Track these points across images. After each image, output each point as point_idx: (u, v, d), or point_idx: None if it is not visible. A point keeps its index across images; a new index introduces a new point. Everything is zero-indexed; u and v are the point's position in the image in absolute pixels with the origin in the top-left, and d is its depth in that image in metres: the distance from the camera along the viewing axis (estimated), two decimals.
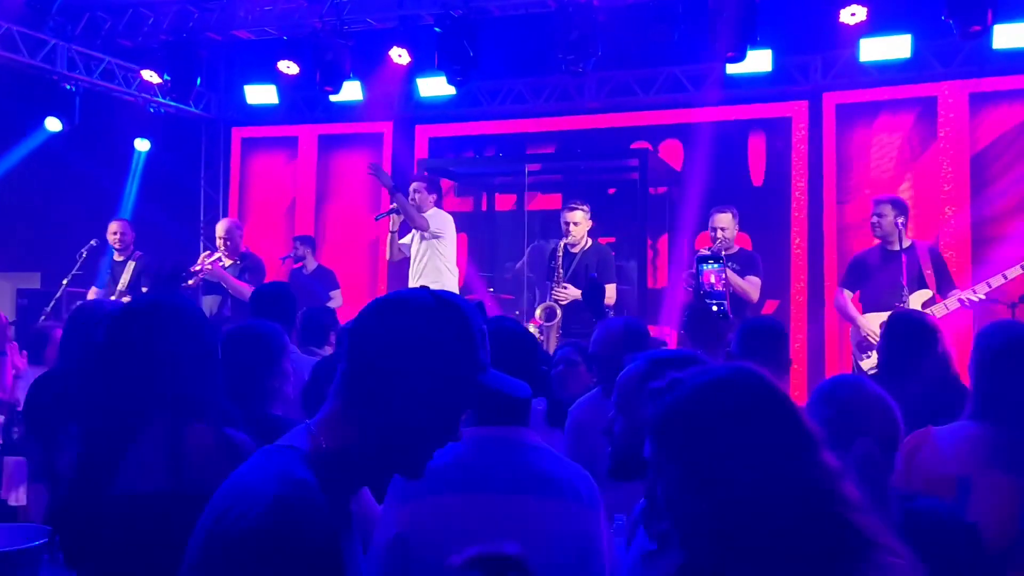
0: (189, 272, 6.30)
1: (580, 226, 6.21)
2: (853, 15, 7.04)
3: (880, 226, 5.60)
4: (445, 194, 8.38)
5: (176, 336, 2.10)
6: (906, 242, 5.56)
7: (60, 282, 7.97)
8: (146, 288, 7.56)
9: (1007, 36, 7.30)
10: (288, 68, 8.68)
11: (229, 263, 7.03)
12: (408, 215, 6.72)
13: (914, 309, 5.20)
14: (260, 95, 9.78)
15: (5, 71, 8.50)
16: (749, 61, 7.47)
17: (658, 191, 9.04)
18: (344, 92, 8.75)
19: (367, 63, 8.79)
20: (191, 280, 6.63)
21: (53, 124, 8.65)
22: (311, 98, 10.03)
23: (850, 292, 5.82)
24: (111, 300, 5.06)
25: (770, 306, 8.35)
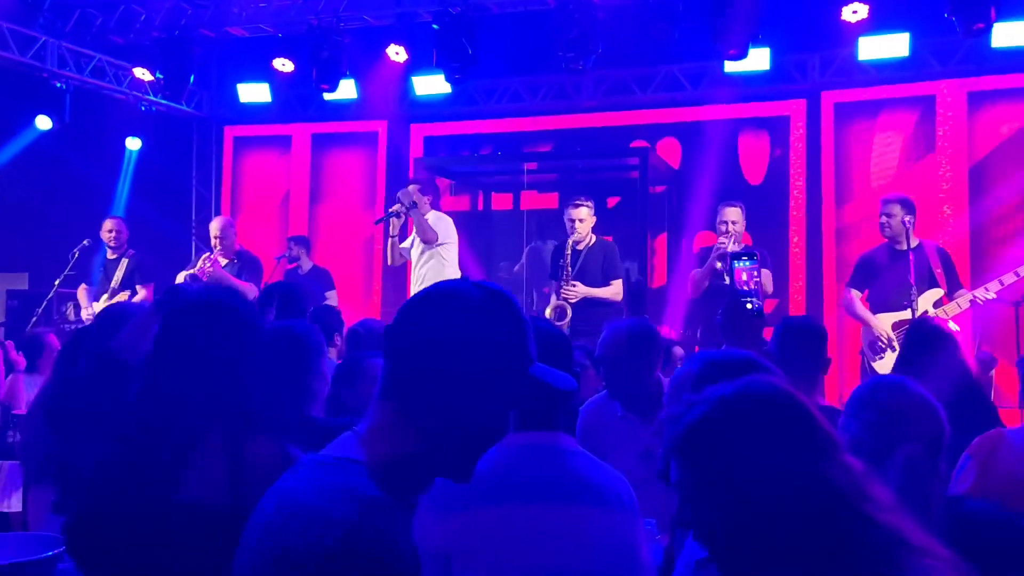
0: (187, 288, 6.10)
1: (585, 223, 6.15)
2: (855, 13, 7.01)
3: (889, 225, 5.56)
4: (441, 194, 8.30)
5: (235, 339, 1.98)
6: (914, 241, 5.52)
7: (48, 282, 7.84)
8: (138, 283, 7.45)
9: (1006, 34, 7.28)
10: (283, 66, 8.57)
11: (225, 262, 6.93)
12: (422, 231, 6.64)
13: (933, 316, 5.15)
14: (253, 93, 9.67)
15: None
16: (747, 59, 7.44)
17: (656, 190, 8.99)
18: (338, 91, 8.64)
19: (362, 61, 8.69)
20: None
21: (43, 122, 8.52)
22: (304, 96, 9.92)
23: (858, 292, 5.76)
24: (135, 303, 4.89)
25: (768, 305, 8.28)
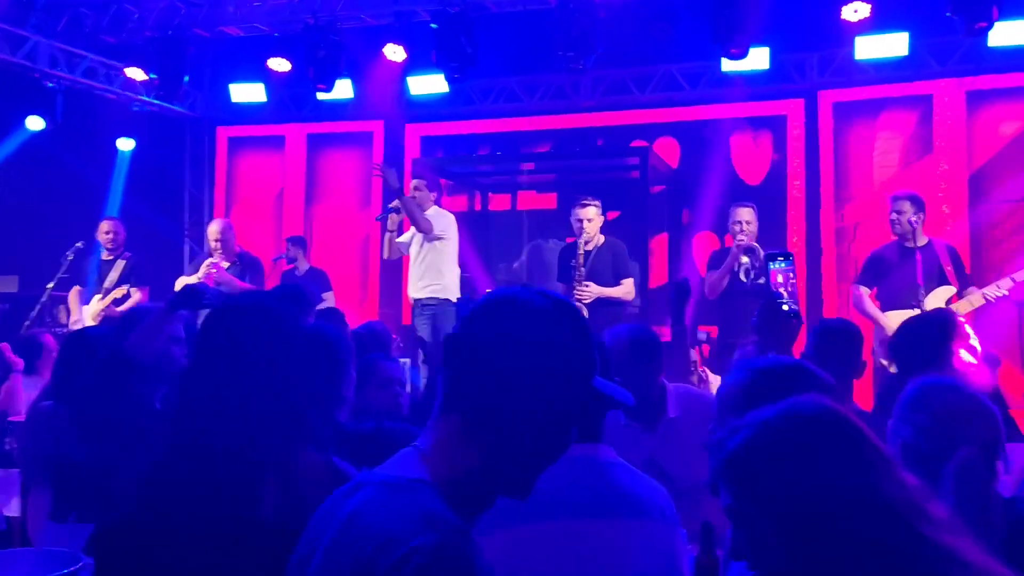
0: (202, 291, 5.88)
1: (594, 222, 6.10)
2: (856, 12, 6.99)
3: (900, 223, 5.53)
4: (443, 192, 8.22)
5: (282, 345, 1.89)
6: (923, 239, 5.50)
7: (39, 285, 7.72)
8: (133, 286, 7.32)
9: (1003, 33, 7.27)
10: (279, 65, 8.48)
11: (227, 265, 6.83)
12: (413, 218, 6.56)
13: (934, 309, 5.12)
14: (246, 93, 9.56)
15: None
16: (746, 59, 7.39)
17: (654, 190, 8.96)
18: (334, 90, 8.55)
19: (358, 61, 8.61)
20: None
21: (35, 123, 8.40)
22: (299, 96, 9.83)
23: (867, 289, 5.74)
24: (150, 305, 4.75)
25: None
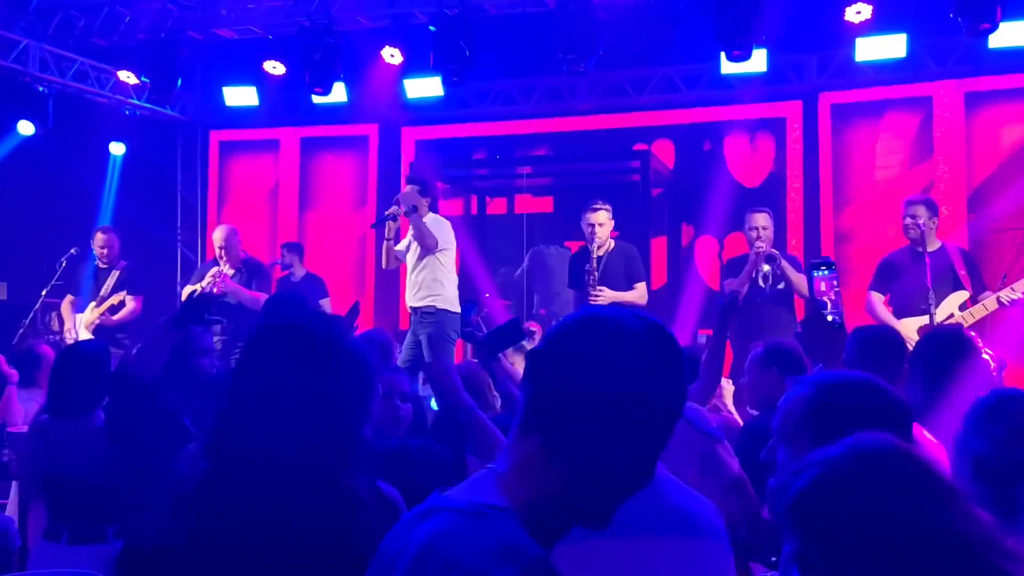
0: (210, 301, 5.72)
1: (605, 226, 6.03)
2: (858, 13, 6.96)
3: (915, 227, 5.49)
4: (439, 196, 8.14)
5: (330, 364, 1.82)
6: (936, 244, 5.46)
7: (30, 292, 7.61)
8: (127, 294, 7.23)
9: (1003, 35, 7.24)
10: (274, 68, 8.39)
11: (232, 272, 6.73)
12: (421, 237, 6.46)
13: (948, 323, 5.09)
14: (239, 97, 9.46)
15: None
16: (746, 61, 7.35)
17: (653, 193, 8.90)
18: (328, 94, 8.46)
19: (352, 63, 8.51)
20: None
21: (26, 128, 8.26)
22: (292, 100, 9.71)
23: (880, 295, 5.69)
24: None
25: None
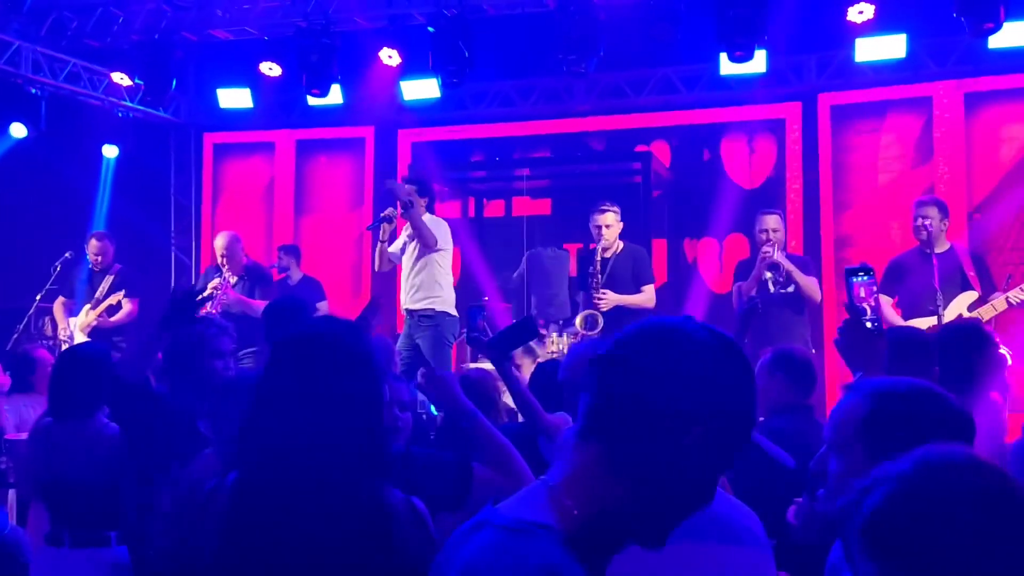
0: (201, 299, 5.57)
1: (612, 228, 5.96)
2: (861, 13, 6.92)
3: (926, 228, 5.44)
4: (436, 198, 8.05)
5: (357, 374, 1.77)
6: (945, 245, 5.41)
7: (21, 296, 7.52)
8: (124, 295, 7.14)
9: (1002, 35, 7.22)
10: (270, 70, 8.30)
11: (234, 280, 6.60)
12: (420, 234, 6.36)
13: (967, 318, 5.04)
14: (233, 99, 9.35)
15: None
16: (747, 61, 7.30)
17: (653, 194, 8.85)
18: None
19: (348, 65, 8.44)
20: (204, 307, 6.06)
21: (18, 130, 8.14)
22: (287, 102, 9.62)
23: (888, 298, 5.63)
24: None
25: None
